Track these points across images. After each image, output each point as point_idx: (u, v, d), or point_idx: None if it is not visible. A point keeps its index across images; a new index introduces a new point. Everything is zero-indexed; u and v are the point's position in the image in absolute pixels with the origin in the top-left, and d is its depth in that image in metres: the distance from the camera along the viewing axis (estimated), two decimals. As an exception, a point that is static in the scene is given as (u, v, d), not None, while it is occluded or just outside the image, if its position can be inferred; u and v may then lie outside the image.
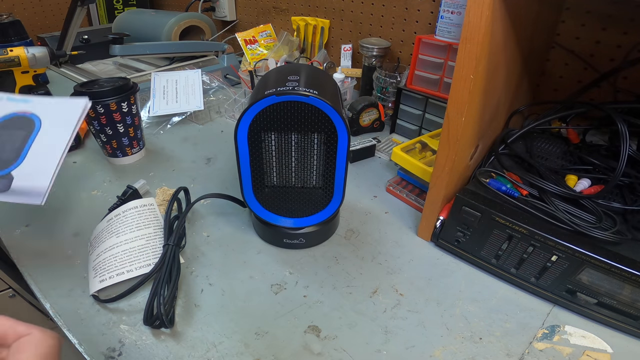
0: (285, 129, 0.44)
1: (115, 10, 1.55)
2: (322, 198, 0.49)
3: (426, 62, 0.71)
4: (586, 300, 0.42)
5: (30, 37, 1.05)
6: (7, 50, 0.75)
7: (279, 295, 0.46)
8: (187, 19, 1.15)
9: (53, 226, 0.55)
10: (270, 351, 0.39)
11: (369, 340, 0.41)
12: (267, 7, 1.21)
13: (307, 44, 1.11)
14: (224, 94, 0.95)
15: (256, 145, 0.45)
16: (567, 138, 0.58)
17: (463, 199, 0.47)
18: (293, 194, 0.49)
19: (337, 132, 0.43)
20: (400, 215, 0.59)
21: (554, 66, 0.69)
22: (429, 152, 0.64)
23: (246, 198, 0.50)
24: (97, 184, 0.65)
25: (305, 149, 0.46)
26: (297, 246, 0.52)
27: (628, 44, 0.60)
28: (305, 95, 0.40)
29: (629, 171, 0.47)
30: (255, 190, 0.49)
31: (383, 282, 0.48)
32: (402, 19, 0.89)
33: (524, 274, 0.45)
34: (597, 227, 0.41)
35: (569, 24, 0.65)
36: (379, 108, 0.80)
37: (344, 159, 0.45)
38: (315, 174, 0.48)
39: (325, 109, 0.42)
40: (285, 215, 0.50)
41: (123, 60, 1.22)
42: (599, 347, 0.41)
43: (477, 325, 0.43)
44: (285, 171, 0.48)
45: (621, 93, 0.62)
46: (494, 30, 0.39)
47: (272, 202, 0.50)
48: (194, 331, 0.41)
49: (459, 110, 0.43)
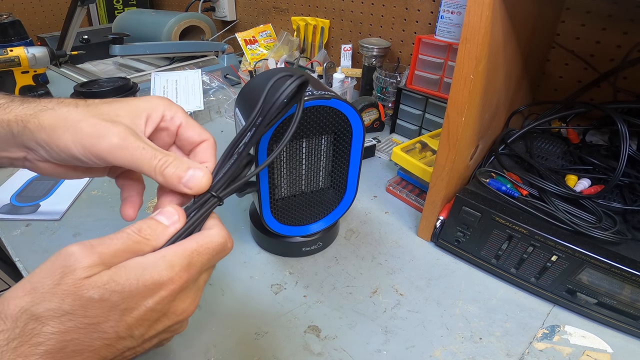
0: (298, 135, 0.42)
1: (115, 10, 1.55)
2: (334, 197, 0.49)
3: (426, 62, 0.71)
4: (586, 300, 0.42)
5: (30, 37, 1.05)
6: (7, 50, 0.75)
7: (279, 295, 0.46)
8: (187, 19, 1.15)
9: (53, 226, 0.55)
10: (270, 351, 0.39)
11: (369, 340, 0.41)
12: (267, 7, 1.21)
13: (307, 44, 1.11)
14: (224, 94, 0.95)
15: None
16: (567, 138, 0.58)
17: (463, 199, 0.47)
18: (305, 200, 0.48)
19: (352, 130, 0.42)
20: (400, 215, 0.59)
21: (554, 66, 0.69)
22: (429, 152, 0.64)
23: (265, 218, 0.46)
24: (97, 184, 0.65)
25: (315, 153, 0.45)
26: (314, 252, 0.52)
27: (628, 44, 0.60)
28: (327, 98, 0.39)
29: (629, 171, 0.47)
30: (272, 207, 0.46)
31: (383, 282, 0.48)
32: (402, 19, 0.89)
33: (524, 274, 0.45)
34: (597, 227, 0.41)
35: (569, 24, 0.65)
36: (379, 108, 0.80)
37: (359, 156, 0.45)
38: (323, 175, 0.48)
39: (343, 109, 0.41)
40: (300, 224, 0.49)
41: (123, 60, 1.22)
42: (599, 347, 0.41)
43: (477, 325, 0.43)
44: (296, 179, 0.47)
45: (621, 93, 0.62)
46: (494, 30, 0.39)
47: (286, 215, 0.47)
48: (193, 331, 0.41)
49: (459, 110, 0.43)
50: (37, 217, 0.57)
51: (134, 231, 0.26)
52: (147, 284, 0.24)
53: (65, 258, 0.23)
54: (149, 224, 0.26)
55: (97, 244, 0.24)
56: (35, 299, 0.22)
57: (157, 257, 0.25)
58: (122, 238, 0.25)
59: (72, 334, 0.22)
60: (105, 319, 0.23)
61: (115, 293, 0.23)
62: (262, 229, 0.50)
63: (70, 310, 0.22)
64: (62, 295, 0.22)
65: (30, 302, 0.22)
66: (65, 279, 0.22)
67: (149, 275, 0.24)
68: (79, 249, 0.23)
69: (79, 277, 0.22)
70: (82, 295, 0.22)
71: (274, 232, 0.48)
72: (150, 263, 0.24)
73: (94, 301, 0.22)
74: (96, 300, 0.22)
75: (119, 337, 0.24)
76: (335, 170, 0.47)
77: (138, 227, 0.26)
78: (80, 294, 0.22)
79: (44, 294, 0.22)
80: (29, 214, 0.57)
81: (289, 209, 0.47)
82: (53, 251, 0.24)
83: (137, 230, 0.26)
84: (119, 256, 0.24)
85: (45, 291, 0.22)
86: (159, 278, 0.24)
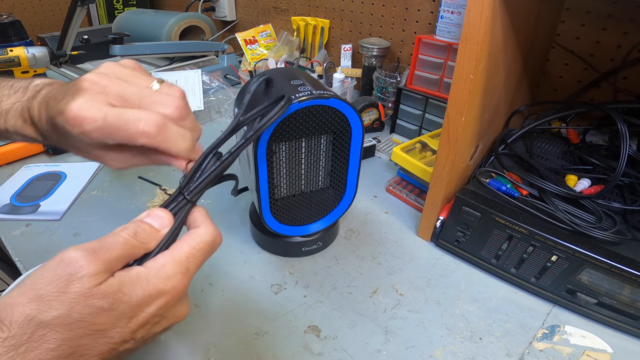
0: (297, 135, 0.42)
1: (115, 10, 1.55)
2: (333, 197, 0.49)
3: (426, 62, 0.71)
4: (586, 300, 0.42)
5: (30, 37, 1.05)
6: (7, 50, 0.75)
7: (279, 295, 0.46)
8: (187, 19, 1.15)
9: (53, 226, 0.55)
10: (270, 351, 0.39)
11: (369, 340, 0.41)
12: (267, 7, 1.21)
13: (307, 44, 1.11)
14: (224, 94, 0.95)
15: (268, 159, 0.42)
16: (567, 138, 0.58)
17: (463, 199, 0.47)
18: (304, 200, 0.48)
19: (351, 130, 0.42)
20: (400, 215, 0.59)
21: (554, 66, 0.69)
22: (429, 152, 0.64)
23: (265, 218, 0.46)
24: (97, 184, 0.65)
25: (314, 152, 0.45)
26: (314, 251, 0.52)
27: (628, 44, 0.60)
28: (326, 97, 0.39)
29: (629, 171, 0.47)
30: (271, 207, 0.46)
31: (383, 282, 0.48)
32: (402, 19, 0.89)
33: (524, 274, 0.45)
34: (597, 227, 0.41)
35: (569, 24, 0.65)
36: (379, 108, 0.80)
37: (358, 155, 0.45)
38: (323, 175, 0.48)
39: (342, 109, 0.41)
40: (300, 224, 0.49)
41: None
42: (599, 347, 0.41)
43: (477, 325, 0.43)
44: (296, 179, 0.47)
45: (621, 93, 0.62)
46: (494, 30, 0.39)
47: (286, 215, 0.48)
48: (194, 331, 0.41)
49: (459, 110, 0.43)
50: (37, 217, 0.57)
51: (130, 235, 0.26)
52: (152, 293, 0.25)
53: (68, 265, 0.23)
54: (143, 228, 0.27)
55: (98, 249, 0.24)
56: (41, 306, 0.22)
57: (158, 267, 0.26)
58: (121, 243, 0.26)
59: (82, 340, 0.23)
60: (113, 326, 0.24)
61: (123, 303, 0.24)
62: (262, 229, 0.50)
63: (79, 318, 0.22)
64: (71, 303, 0.22)
65: (36, 310, 0.22)
66: (72, 287, 0.22)
67: (153, 286, 0.25)
68: (82, 255, 0.23)
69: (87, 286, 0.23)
70: (92, 304, 0.23)
71: (273, 232, 0.48)
72: (153, 274, 0.25)
73: (103, 310, 0.23)
74: (106, 310, 0.23)
75: (123, 341, 0.25)
76: (335, 170, 0.47)
77: (133, 230, 0.27)
78: (89, 303, 0.23)
79: (50, 302, 0.22)
80: (29, 214, 0.57)
81: (289, 208, 0.47)
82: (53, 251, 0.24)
83: (133, 234, 0.26)
84: (120, 261, 0.25)
85: (52, 299, 0.22)
86: (163, 287, 0.25)
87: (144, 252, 0.27)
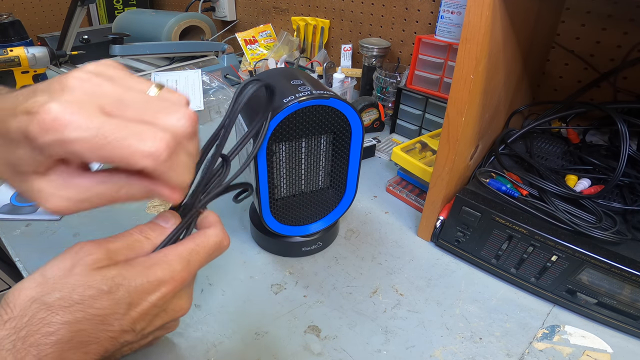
0: (297, 135, 0.41)
1: (115, 10, 1.55)
2: (333, 197, 0.49)
3: (426, 62, 0.71)
4: (586, 300, 0.42)
5: (30, 37, 1.05)
6: (7, 50, 0.75)
7: (279, 295, 0.46)
8: (187, 19, 1.15)
9: (53, 226, 0.55)
10: (270, 351, 0.39)
11: (369, 340, 0.41)
12: (267, 7, 1.21)
13: (307, 44, 1.11)
14: (224, 94, 0.95)
15: (268, 159, 0.42)
16: (567, 138, 0.58)
17: (463, 199, 0.47)
18: (304, 200, 0.48)
19: (351, 130, 0.43)
20: (400, 215, 0.59)
21: (554, 66, 0.69)
22: (429, 152, 0.64)
23: (265, 218, 0.46)
24: (97, 184, 0.65)
25: (314, 152, 0.45)
26: (314, 251, 0.52)
27: (628, 44, 0.60)
28: (326, 97, 0.39)
29: (629, 171, 0.47)
30: (271, 207, 0.46)
31: (383, 282, 0.48)
32: (402, 19, 0.89)
33: (524, 274, 0.45)
34: (597, 227, 0.41)
35: (569, 24, 0.65)
36: (379, 108, 0.80)
37: (358, 155, 0.45)
38: (323, 175, 0.48)
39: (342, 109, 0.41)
40: (300, 224, 0.49)
41: (123, 60, 1.21)
42: (599, 347, 0.41)
43: (477, 325, 0.43)
44: (296, 179, 0.47)
45: (621, 93, 0.62)
46: (494, 30, 0.39)
47: (286, 215, 0.48)
48: (194, 331, 0.41)
49: (459, 110, 0.43)
50: (37, 217, 0.57)
51: (136, 231, 0.28)
52: (151, 280, 0.26)
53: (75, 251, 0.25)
54: (150, 225, 0.29)
55: (104, 241, 0.26)
56: (45, 289, 0.23)
57: (160, 256, 0.27)
58: (126, 236, 0.27)
59: (81, 324, 0.23)
60: (112, 312, 0.24)
61: (122, 287, 0.24)
62: (262, 229, 0.50)
63: (79, 301, 0.23)
64: (72, 285, 0.23)
65: (40, 292, 0.23)
66: (75, 270, 0.24)
67: (152, 273, 0.26)
68: (89, 243, 0.25)
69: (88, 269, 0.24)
70: (92, 286, 0.24)
71: (273, 232, 0.48)
72: (154, 262, 0.26)
73: (103, 293, 0.24)
74: (105, 292, 0.24)
75: (122, 330, 0.25)
76: (335, 169, 0.47)
77: (140, 228, 0.28)
78: (89, 285, 0.23)
79: (54, 285, 0.23)
80: (29, 214, 0.57)
81: (289, 208, 0.47)
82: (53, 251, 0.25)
83: (139, 230, 0.28)
84: (123, 253, 0.26)
85: (56, 282, 0.23)
86: (162, 276, 0.26)
87: (150, 245, 0.28)
